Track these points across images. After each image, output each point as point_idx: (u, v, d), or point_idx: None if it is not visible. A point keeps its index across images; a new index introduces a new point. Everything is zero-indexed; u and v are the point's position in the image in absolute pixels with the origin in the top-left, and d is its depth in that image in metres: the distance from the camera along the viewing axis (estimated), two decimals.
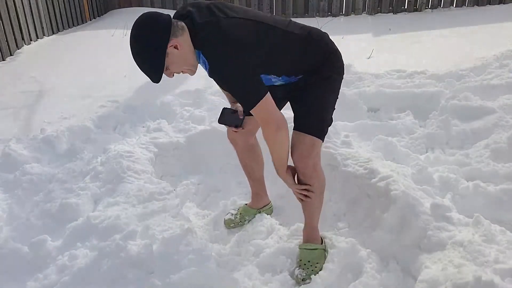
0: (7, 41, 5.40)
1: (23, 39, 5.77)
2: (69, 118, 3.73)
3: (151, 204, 2.42)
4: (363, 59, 4.99)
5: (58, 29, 6.63)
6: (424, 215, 2.13)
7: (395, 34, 6.10)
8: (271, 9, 7.70)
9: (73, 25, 7.04)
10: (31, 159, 2.94)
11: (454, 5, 7.32)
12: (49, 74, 4.81)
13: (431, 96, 3.63)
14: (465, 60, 4.45)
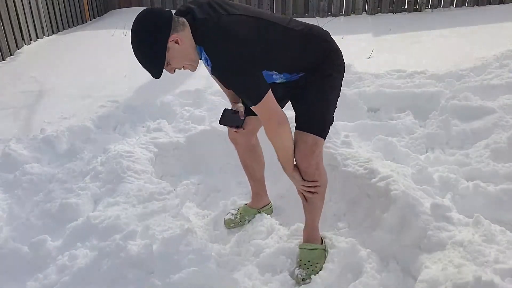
0: (7, 41, 5.40)
1: (23, 39, 5.77)
2: (69, 118, 3.73)
3: (151, 204, 2.41)
4: (363, 59, 4.98)
5: (58, 29, 6.63)
6: (424, 215, 2.13)
7: (395, 34, 6.10)
8: (271, 9, 7.70)
9: (73, 25, 7.04)
10: (31, 159, 2.94)
11: (454, 5, 7.32)
12: (49, 74, 4.81)
13: (431, 96, 3.63)
14: (465, 60, 4.45)
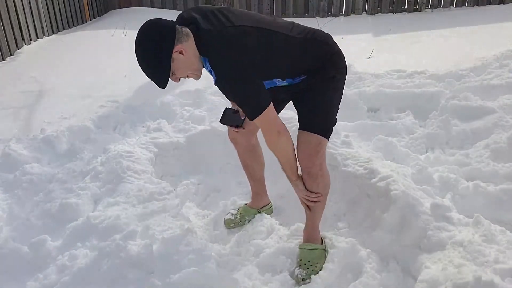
0: (7, 41, 5.40)
1: (23, 39, 5.77)
2: (69, 118, 3.73)
3: (151, 204, 2.41)
4: (363, 59, 4.99)
5: (58, 29, 6.63)
6: (424, 215, 2.13)
7: (395, 34, 6.11)
8: (271, 9, 7.70)
9: (73, 25, 7.05)
10: (31, 159, 2.94)
11: (454, 5, 7.33)
12: (49, 74, 4.81)
13: (431, 96, 3.63)
14: (465, 60, 4.45)
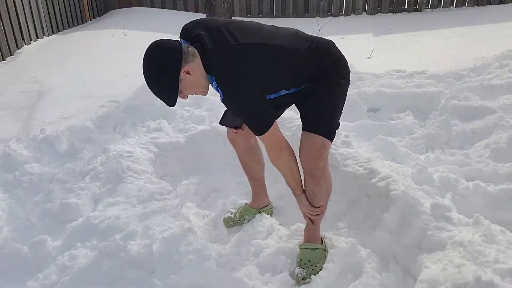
0: (7, 41, 5.40)
1: (23, 39, 5.77)
2: (69, 118, 3.72)
3: (151, 204, 2.41)
4: (363, 59, 4.99)
5: (58, 29, 6.63)
6: (424, 215, 2.13)
7: (395, 34, 6.10)
8: (271, 9, 7.70)
9: (73, 25, 7.05)
10: (31, 159, 2.94)
11: (454, 5, 7.33)
12: (49, 74, 4.80)
13: (431, 96, 3.63)
14: (465, 60, 4.45)
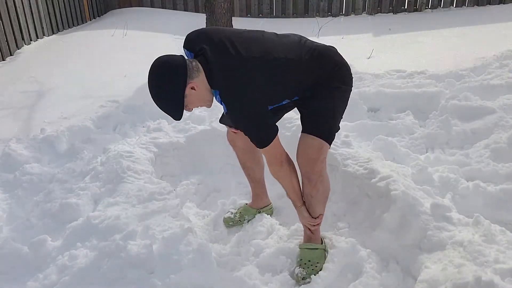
0: (7, 41, 5.40)
1: (23, 39, 5.77)
2: (69, 118, 3.72)
3: (151, 204, 2.41)
4: (363, 59, 4.99)
5: (58, 29, 6.63)
6: (424, 215, 2.13)
7: (395, 34, 6.10)
8: (271, 9, 7.70)
9: (73, 25, 7.05)
10: (31, 159, 2.95)
11: (454, 5, 7.33)
12: (49, 74, 4.80)
13: (431, 96, 3.63)
14: (465, 60, 4.45)
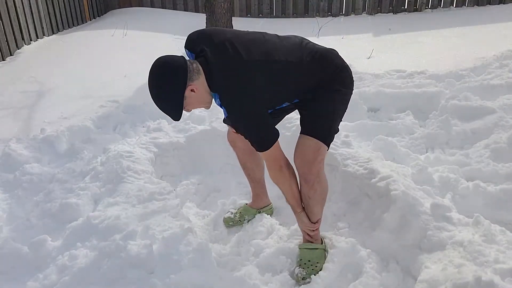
0: (7, 41, 5.40)
1: (23, 39, 5.77)
2: (69, 118, 3.72)
3: (151, 204, 2.41)
4: (363, 59, 4.99)
5: (58, 29, 6.63)
6: (424, 215, 2.13)
7: (395, 34, 6.10)
8: (271, 9, 7.70)
9: (73, 25, 7.05)
10: (31, 159, 2.95)
11: (454, 5, 7.33)
12: (49, 74, 4.80)
13: (431, 96, 3.63)
14: (465, 60, 4.45)
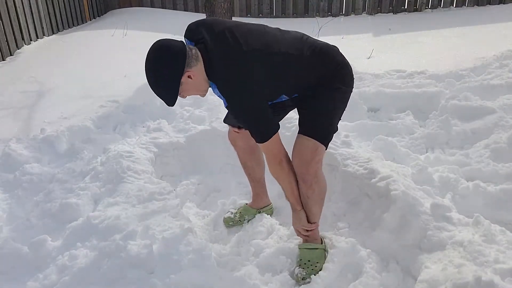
0: (7, 41, 5.40)
1: (23, 39, 5.77)
2: (69, 118, 3.72)
3: (151, 204, 2.41)
4: (363, 59, 4.98)
5: (58, 29, 6.63)
6: (424, 215, 2.13)
7: (395, 34, 6.10)
8: (271, 9, 7.70)
9: (73, 25, 7.05)
10: (31, 159, 2.95)
11: (454, 5, 7.33)
12: (49, 74, 4.80)
13: (431, 96, 3.63)
14: (465, 60, 4.45)
